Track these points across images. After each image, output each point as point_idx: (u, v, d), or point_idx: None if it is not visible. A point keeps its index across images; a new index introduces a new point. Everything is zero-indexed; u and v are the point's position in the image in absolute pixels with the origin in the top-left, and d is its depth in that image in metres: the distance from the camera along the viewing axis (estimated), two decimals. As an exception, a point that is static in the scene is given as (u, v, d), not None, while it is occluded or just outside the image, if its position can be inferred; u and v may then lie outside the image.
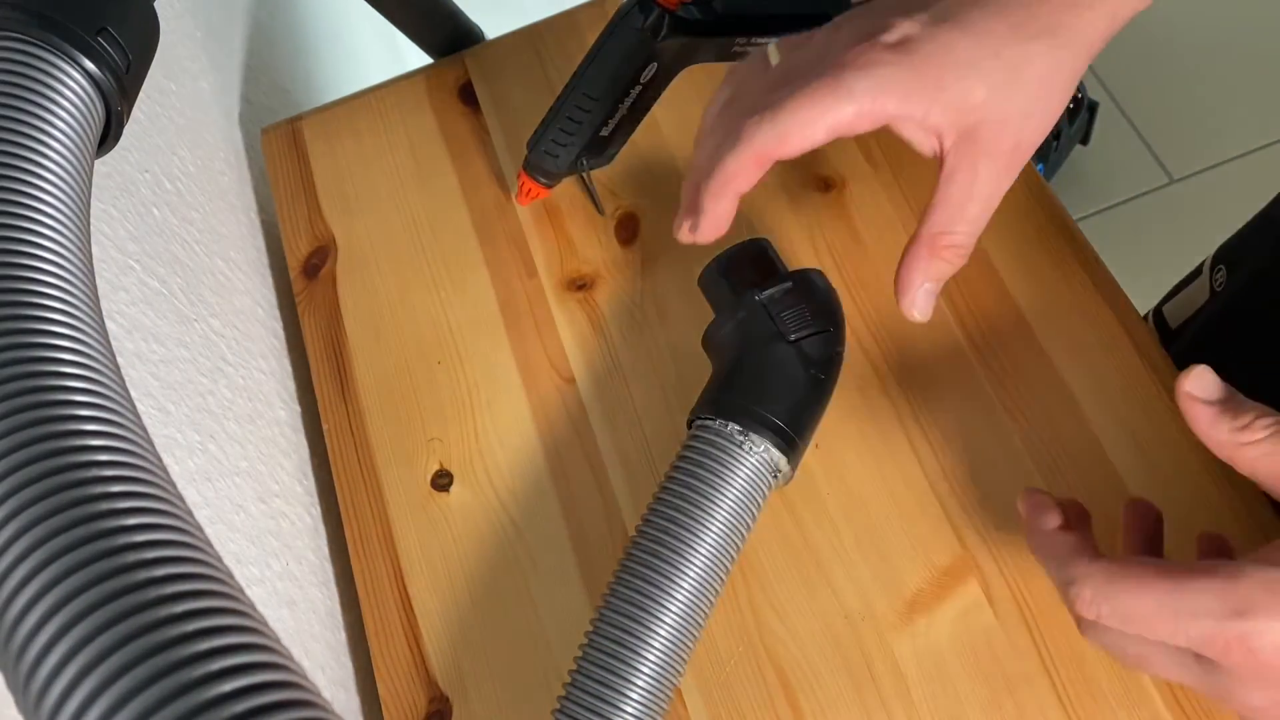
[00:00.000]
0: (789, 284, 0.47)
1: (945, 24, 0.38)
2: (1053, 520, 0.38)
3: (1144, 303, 0.63)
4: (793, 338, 0.46)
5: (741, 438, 0.44)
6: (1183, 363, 0.51)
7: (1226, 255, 0.65)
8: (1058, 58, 0.38)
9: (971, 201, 0.40)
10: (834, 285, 0.49)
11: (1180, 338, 0.66)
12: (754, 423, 0.44)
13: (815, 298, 0.48)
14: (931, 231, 0.41)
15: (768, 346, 0.46)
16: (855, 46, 0.38)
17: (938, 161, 0.40)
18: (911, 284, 0.42)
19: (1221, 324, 0.62)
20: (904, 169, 0.58)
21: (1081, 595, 0.34)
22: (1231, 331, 0.61)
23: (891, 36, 0.38)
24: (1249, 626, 0.30)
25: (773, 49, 0.43)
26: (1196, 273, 0.67)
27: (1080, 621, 0.36)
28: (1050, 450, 0.49)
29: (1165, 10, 1.66)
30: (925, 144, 0.40)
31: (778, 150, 0.39)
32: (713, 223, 0.43)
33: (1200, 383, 0.35)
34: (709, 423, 0.45)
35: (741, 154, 0.40)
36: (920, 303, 0.42)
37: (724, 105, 0.44)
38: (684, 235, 0.44)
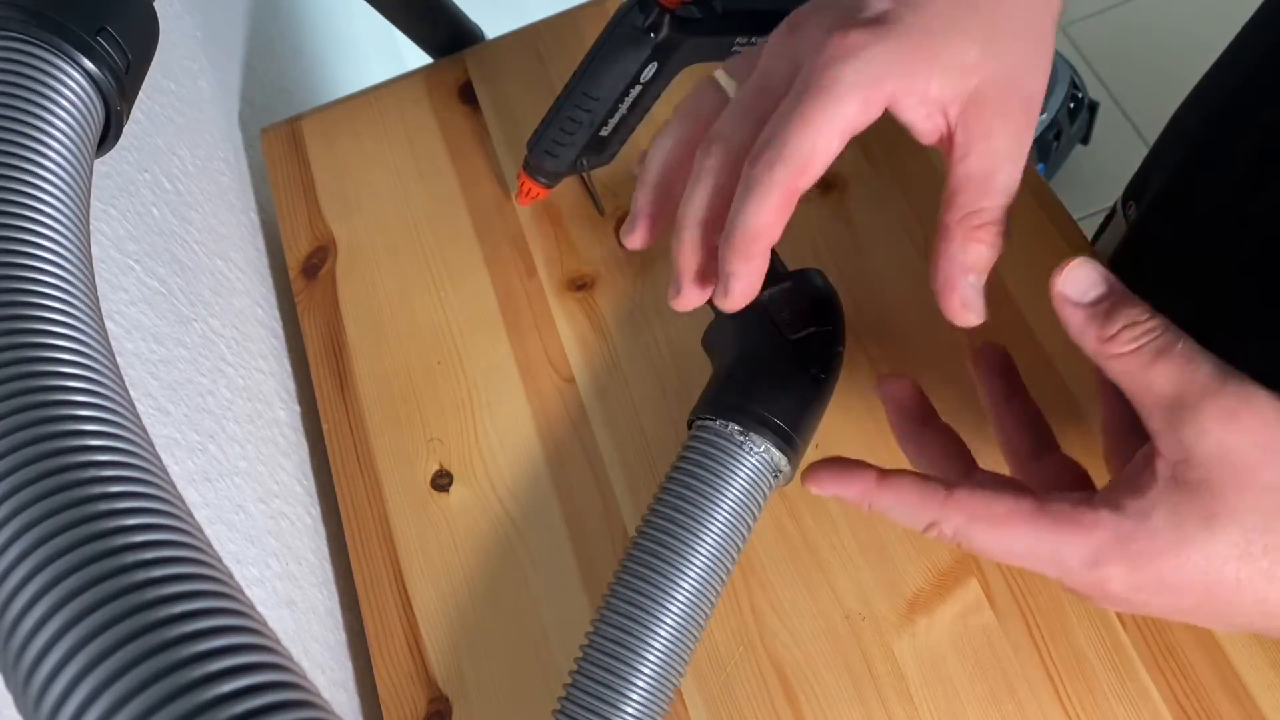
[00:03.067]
0: (788, 284, 0.47)
1: None
2: (870, 477, 0.36)
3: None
4: (793, 337, 0.46)
5: (742, 438, 0.44)
6: None
7: (1134, 191, 0.66)
8: (1035, 5, 0.35)
9: (996, 170, 0.35)
10: (834, 284, 0.49)
11: None
12: (754, 423, 0.44)
13: (815, 297, 0.47)
14: (960, 215, 0.35)
15: (768, 346, 0.46)
16: (831, 37, 0.34)
17: (946, 142, 0.36)
18: (954, 281, 0.36)
19: (1133, 253, 0.63)
20: (904, 169, 0.58)
21: (943, 534, 0.34)
22: (1141, 257, 0.62)
23: (867, 14, 0.34)
24: (1103, 573, 0.31)
25: (721, 76, 0.40)
26: (1112, 213, 0.69)
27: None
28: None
29: (1165, 10, 1.66)
30: (930, 123, 0.35)
31: (803, 182, 0.35)
32: (749, 285, 0.37)
33: (1071, 280, 0.33)
34: (709, 423, 0.45)
35: (768, 202, 0.35)
36: (971, 299, 0.36)
37: (705, 153, 0.38)
38: (718, 299, 0.38)
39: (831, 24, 0.35)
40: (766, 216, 0.35)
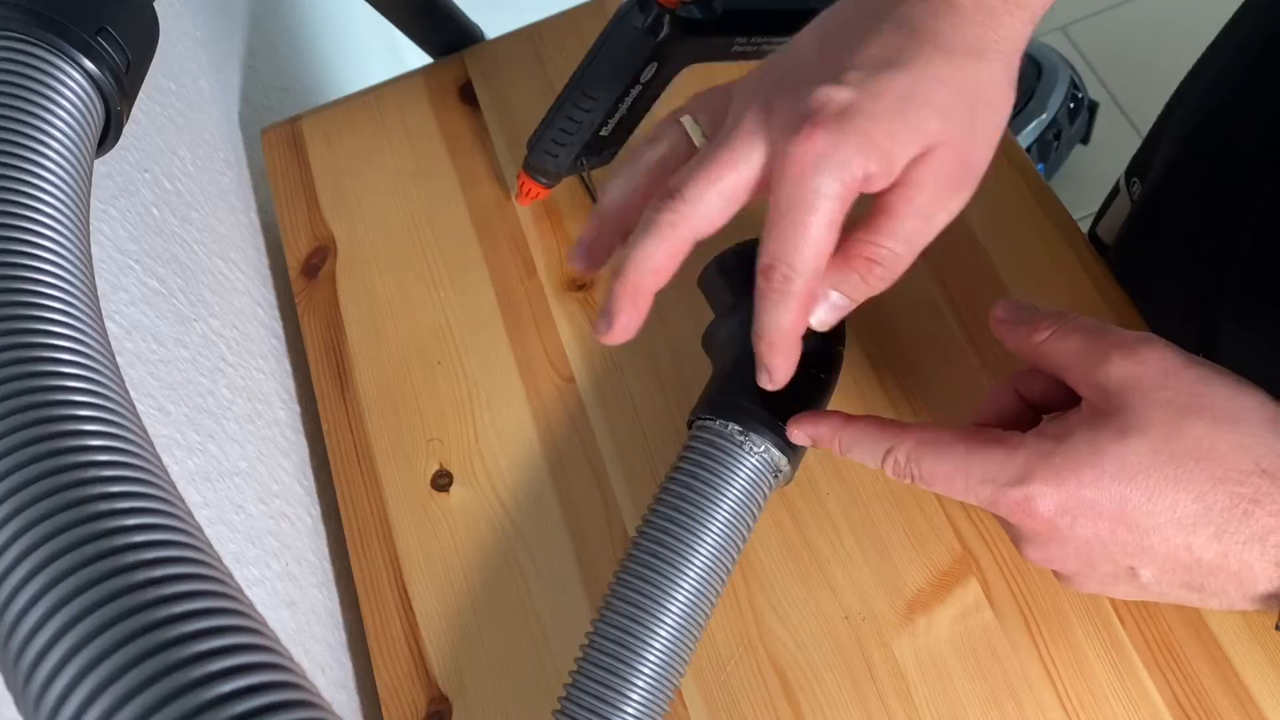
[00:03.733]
0: None
1: (876, 74, 0.36)
2: (839, 418, 0.42)
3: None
4: (792, 338, 0.46)
5: (742, 438, 0.44)
6: (1117, 269, 0.53)
7: (1137, 168, 0.68)
8: (993, 71, 0.37)
9: (909, 218, 0.36)
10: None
11: (1111, 253, 0.68)
12: (754, 422, 0.44)
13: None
14: (854, 237, 0.37)
15: (768, 346, 0.46)
16: (800, 137, 0.35)
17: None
18: (820, 290, 0.39)
19: (1140, 229, 0.65)
20: (904, 169, 0.58)
21: (896, 461, 0.39)
22: (1148, 233, 0.64)
23: (829, 111, 0.35)
24: (1027, 491, 0.35)
25: (688, 122, 0.41)
26: (1116, 190, 0.70)
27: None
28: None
29: (1165, 10, 1.66)
30: (888, 181, 0.37)
31: (804, 287, 0.37)
32: (788, 366, 0.41)
33: (1004, 308, 0.41)
34: (709, 423, 0.45)
35: (789, 309, 0.38)
36: (819, 313, 0.39)
37: (663, 206, 0.39)
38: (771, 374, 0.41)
39: (796, 120, 0.36)
40: (787, 321, 0.38)
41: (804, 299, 0.38)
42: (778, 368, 0.41)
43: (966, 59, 0.36)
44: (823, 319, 0.40)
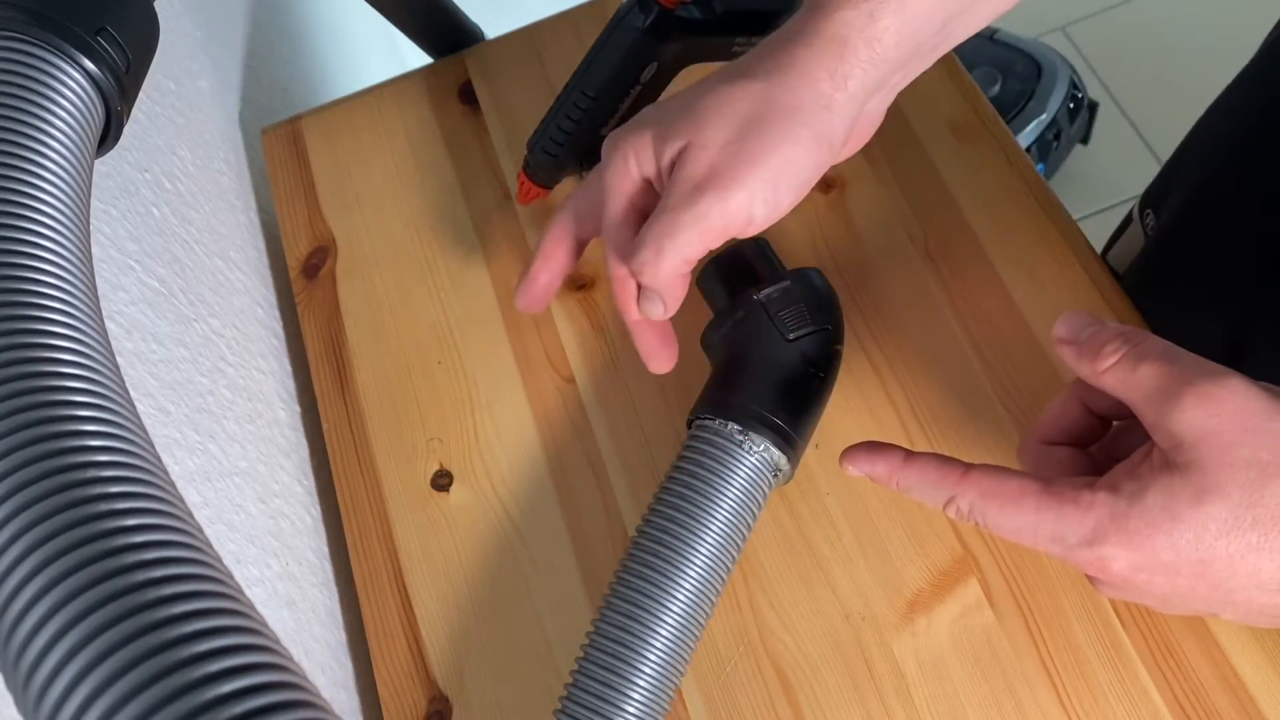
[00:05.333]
0: (787, 283, 0.47)
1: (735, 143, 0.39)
2: (897, 456, 0.39)
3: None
4: (791, 337, 0.46)
5: (741, 437, 0.44)
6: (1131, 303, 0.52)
7: (1151, 200, 0.67)
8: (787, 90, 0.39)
9: (660, 210, 0.41)
10: (833, 284, 0.49)
11: (1124, 281, 0.68)
12: (754, 422, 0.44)
13: (813, 296, 0.47)
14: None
15: (766, 346, 0.46)
16: (682, 197, 0.39)
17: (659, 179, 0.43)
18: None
19: (1156, 262, 0.64)
20: (904, 169, 0.58)
21: (959, 509, 0.37)
22: (1168, 267, 0.63)
23: (699, 170, 0.39)
24: (1100, 552, 0.34)
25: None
26: (1128, 220, 0.69)
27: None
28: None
29: (1165, 10, 1.66)
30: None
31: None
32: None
33: (1065, 326, 0.38)
34: (708, 422, 0.45)
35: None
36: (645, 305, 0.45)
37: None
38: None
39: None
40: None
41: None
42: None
43: (750, 81, 0.39)
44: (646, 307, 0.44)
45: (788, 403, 0.45)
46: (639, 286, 0.43)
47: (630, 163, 0.42)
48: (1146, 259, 0.65)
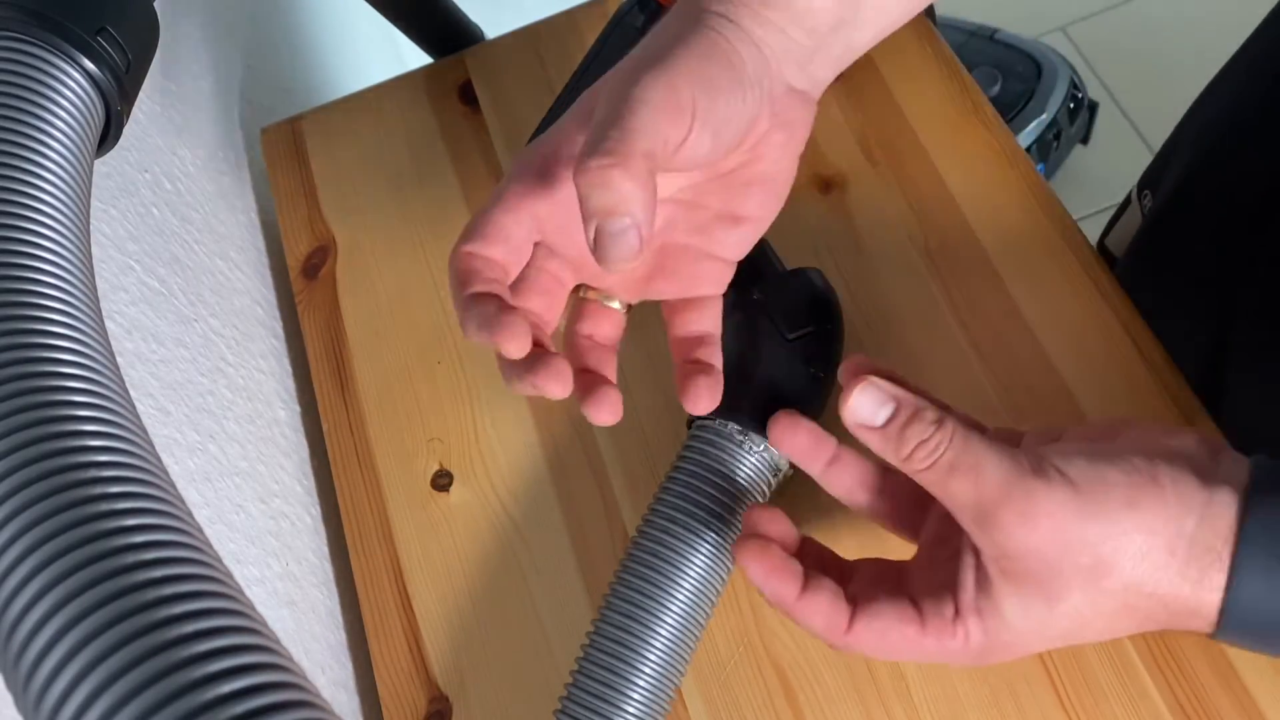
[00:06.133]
0: (787, 283, 0.47)
1: None
2: (794, 583, 0.38)
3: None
4: (791, 337, 0.46)
5: (741, 437, 0.44)
6: (1126, 284, 0.52)
7: (1149, 181, 0.67)
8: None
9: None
10: (833, 284, 0.49)
11: (1121, 262, 0.68)
12: (753, 422, 0.44)
13: (814, 296, 0.47)
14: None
15: (766, 345, 0.46)
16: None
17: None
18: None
19: (1150, 246, 0.64)
20: (904, 169, 0.58)
21: (831, 642, 0.38)
22: (1158, 251, 0.63)
23: None
24: (990, 659, 0.37)
25: None
26: (1127, 202, 0.70)
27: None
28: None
29: (1165, 10, 1.66)
30: None
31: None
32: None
33: (859, 407, 0.36)
34: (708, 422, 0.45)
35: None
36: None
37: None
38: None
39: None
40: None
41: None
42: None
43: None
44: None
45: (788, 402, 0.45)
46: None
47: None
48: (1140, 244, 0.66)
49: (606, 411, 0.37)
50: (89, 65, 0.30)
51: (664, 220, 0.39)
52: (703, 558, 0.43)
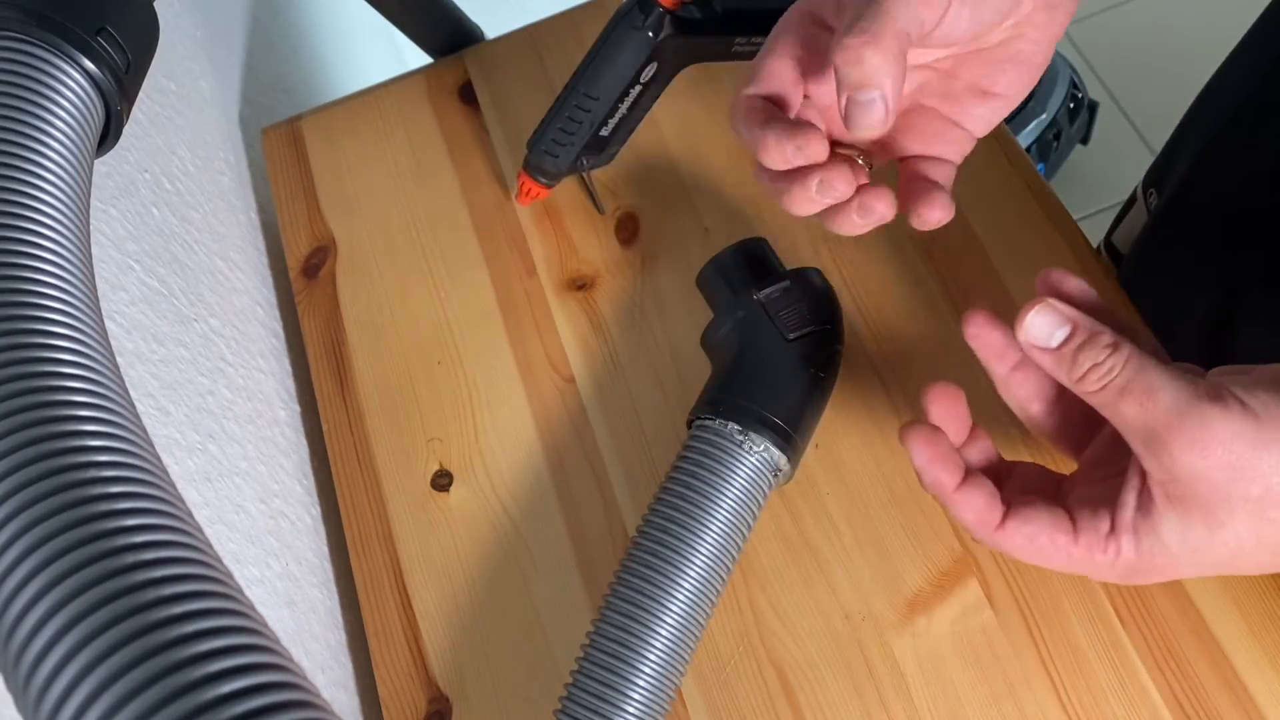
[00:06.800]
0: (787, 283, 0.47)
1: None
2: (954, 476, 0.39)
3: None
4: (791, 336, 0.46)
5: (741, 437, 0.44)
6: (1129, 282, 0.53)
7: (1154, 178, 0.67)
8: None
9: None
10: (833, 283, 0.49)
11: (1127, 260, 0.68)
12: (754, 422, 0.44)
13: (813, 296, 0.48)
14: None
15: (766, 346, 0.46)
16: None
17: None
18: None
19: (1156, 239, 0.64)
20: (904, 169, 0.58)
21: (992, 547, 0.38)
22: (1165, 243, 0.63)
23: None
24: (1135, 581, 0.36)
25: None
26: (1132, 199, 0.70)
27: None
28: (1051, 449, 0.49)
29: (1165, 10, 1.66)
30: None
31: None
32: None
33: (1034, 328, 0.36)
34: (708, 422, 0.45)
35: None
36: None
37: None
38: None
39: None
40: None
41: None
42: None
43: None
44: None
45: (788, 403, 0.45)
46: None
47: None
48: (1146, 238, 0.66)
49: (939, 209, 0.39)
50: (89, 65, 0.30)
51: (916, 84, 0.41)
52: (702, 558, 0.43)
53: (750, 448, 0.44)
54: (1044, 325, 0.36)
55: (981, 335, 0.39)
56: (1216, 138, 0.61)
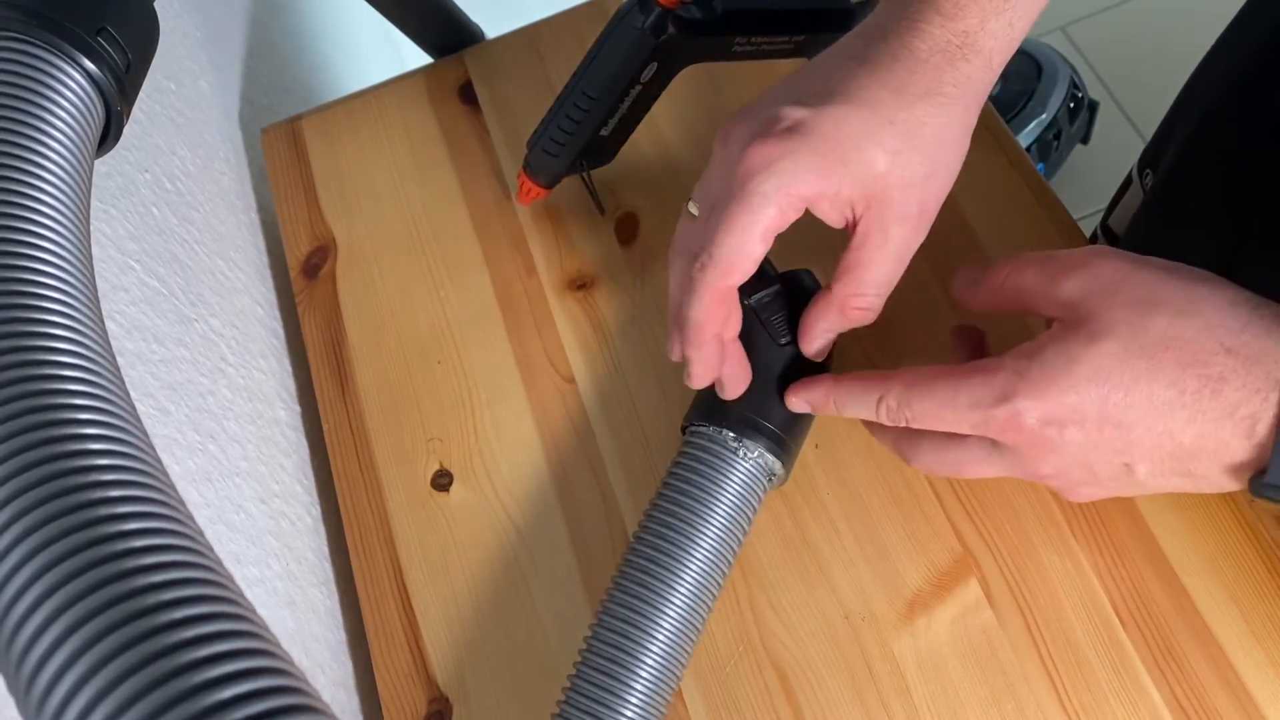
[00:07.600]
0: (778, 286, 0.47)
1: (832, 102, 0.38)
2: (828, 379, 0.44)
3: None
4: (783, 342, 0.46)
5: (736, 444, 0.44)
6: None
7: (1149, 159, 0.68)
8: (949, 115, 0.39)
9: (883, 265, 0.41)
10: (825, 284, 0.49)
11: (1122, 241, 0.69)
12: (747, 428, 0.44)
13: (805, 299, 0.47)
14: (844, 294, 0.42)
15: (759, 351, 0.46)
16: (749, 149, 0.38)
17: (850, 228, 0.41)
18: (815, 333, 0.44)
19: (1152, 216, 0.65)
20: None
21: (889, 406, 0.41)
22: (1161, 220, 0.64)
23: (782, 125, 0.38)
24: (1013, 407, 0.37)
25: (690, 205, 0.44)
26: (1128, 182, 0.71)
27: (903, 449, 0.43)
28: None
29: (1165, 10, 1.66)
30: (838, 218, 0.41)
31: (730, 281, 0.40)
32: (703, 369, 0.43)
33: (961, 277, 0.43)
34: (703, 429, 0.45)
35: (703, 300, 0.40)
36: (819, 346, 0.45)
37: (670, 264, 0.44)
38: (687, 380, 0.44)
39: (751, 135, 0.39)
40: (702, 312, 0.41)
41: (715, 294, 0.40)
42: (693, 361, 0.42)
43: (922, 103, 0.39)
44: (822, 350, 0.45)
45: (781, 408, 0.45)
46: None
47: (795, 196, 0.39)
48: (1142, 216, 0.66)
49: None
50: (89, 65, 0.30)
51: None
52: (699, 564, 0.43)
53: (744, 454, 0.44)
54: (963, 275, 0.43)
55: (801, 398, 0.45)
56: (1209, 114, 0.61)
